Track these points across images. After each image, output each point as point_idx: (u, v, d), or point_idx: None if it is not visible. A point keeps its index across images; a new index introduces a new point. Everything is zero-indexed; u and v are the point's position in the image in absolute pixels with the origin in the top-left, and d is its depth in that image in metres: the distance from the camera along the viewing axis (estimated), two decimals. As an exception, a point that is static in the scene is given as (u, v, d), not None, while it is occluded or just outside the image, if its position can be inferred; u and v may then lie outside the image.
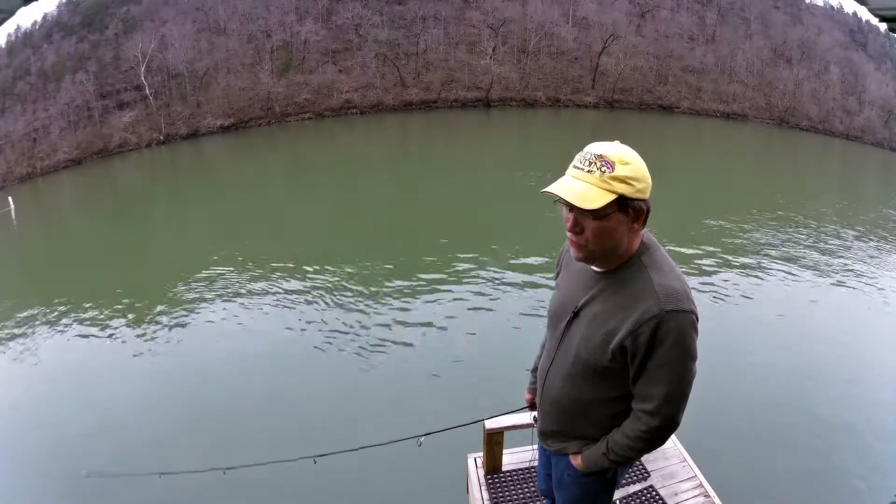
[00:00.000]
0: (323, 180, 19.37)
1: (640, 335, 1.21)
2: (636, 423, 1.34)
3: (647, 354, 1.23)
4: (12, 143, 29.37)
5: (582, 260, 1.31)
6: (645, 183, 1.21)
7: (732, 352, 6.45)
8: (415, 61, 38.60)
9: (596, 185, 1.18)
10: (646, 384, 1.28)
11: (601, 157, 1.19)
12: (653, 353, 1.22)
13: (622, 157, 1.19)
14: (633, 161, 1.20)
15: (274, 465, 2.88)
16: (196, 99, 34.27)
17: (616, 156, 1.19)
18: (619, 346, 1.25)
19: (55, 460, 4.96)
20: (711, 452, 3.76)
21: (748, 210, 13.73)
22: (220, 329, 7.71)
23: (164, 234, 14.48)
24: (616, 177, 1.17)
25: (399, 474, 4.29)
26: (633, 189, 1.19)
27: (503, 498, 2.85)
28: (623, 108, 38.12)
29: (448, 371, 6.14)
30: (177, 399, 5.91)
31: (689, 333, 1.22)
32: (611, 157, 1.18)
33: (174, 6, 38.63)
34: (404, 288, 8.67)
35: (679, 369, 1.24)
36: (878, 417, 5.29)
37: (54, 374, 6.94)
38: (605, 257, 1.30)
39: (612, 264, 1.31)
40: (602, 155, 1.19)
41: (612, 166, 1.17)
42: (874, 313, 8.05)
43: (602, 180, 1.18)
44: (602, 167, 1.18)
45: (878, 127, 36.86)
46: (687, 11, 44.66)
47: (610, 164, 1.18)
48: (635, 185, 1.19)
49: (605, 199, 1.18)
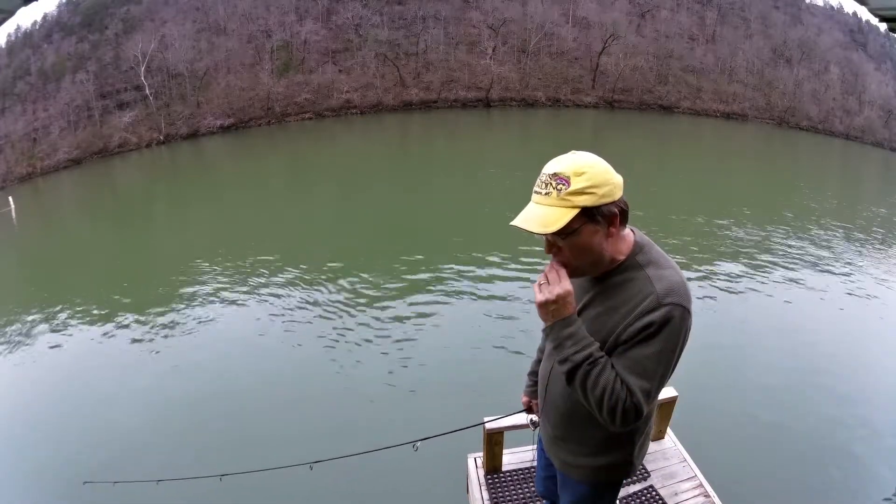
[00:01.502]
0: (323, 180, 19.36)
1: (636, 326, 1.20)
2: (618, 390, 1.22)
3: (637, 342, 1.21)
4: (12, 143, 29.38)
5: (572, 276, 1.28)
6: (608, 186, 1.18)
7: (732, 352, 6.46)
8: (415, 61, 38.60)
9: (555, 205, 1.18)
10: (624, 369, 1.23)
11: (555, 176, 1.18)
12: (644, 343, 1.21)
13: (577, 168, 1.17)
14: (590, 169, 1.17)
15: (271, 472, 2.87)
16: (196, 99, 34.26)
17: (570, 170, 1.17)
18: (616, 341, 1.25)
19: (52, 466, 4.91)
20: (711, 452, 3.76)
21: (748, 210, 13.73)
22: (218, 332, 7.70)
23: (164, 235, 14.47)
24: (573, 191, 1.16)
25: (398, 475, 4.29)
26: (595, 197, 1.17)
27: (503, 498, 2.85)
28: (623, 108, 38.11)
29: (448, 371, 6.13)
30: (175, 404, 5.85)
31: (682, 330, 1.21)
32: (565, 173, 1.17)
33: (174, 6, 38.64)
34: (404, 288, 8.66)
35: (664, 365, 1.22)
36: (878, 417, 5.29)
37: (52, 377, 6.90)
38: (593, 268, 1.29)
39: (605, 270, 1.30)
40: (556, 173, 1.18)
41: (567, 182, 1.16)
42: (875, 313, 8.04)
43: (560, 199, 1.17)
44: (558, 185, 1.17)
45: (878, 127, 36.85)
46: (687, 11, 44.67)
47: (565, 180, 1.16)
48: (597, 193, 1.17)
49: (566, 217, 1.17)
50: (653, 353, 1.20)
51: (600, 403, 1.22)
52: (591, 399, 1.23)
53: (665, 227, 11.66)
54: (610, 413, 1.21)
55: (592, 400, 1.23)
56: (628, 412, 1.21)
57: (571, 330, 1.25)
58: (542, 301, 1.25)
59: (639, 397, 1.20)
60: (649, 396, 1.22)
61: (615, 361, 1.24)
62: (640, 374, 1.21)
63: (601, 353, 1.24)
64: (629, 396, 1.20)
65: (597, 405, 1.23)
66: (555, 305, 1.24)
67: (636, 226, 1.36)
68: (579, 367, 1.23)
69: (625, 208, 1.23)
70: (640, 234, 1.33)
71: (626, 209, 1.24)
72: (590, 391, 1.23)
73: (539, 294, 1.26)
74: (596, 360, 1.23)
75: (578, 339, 1.25)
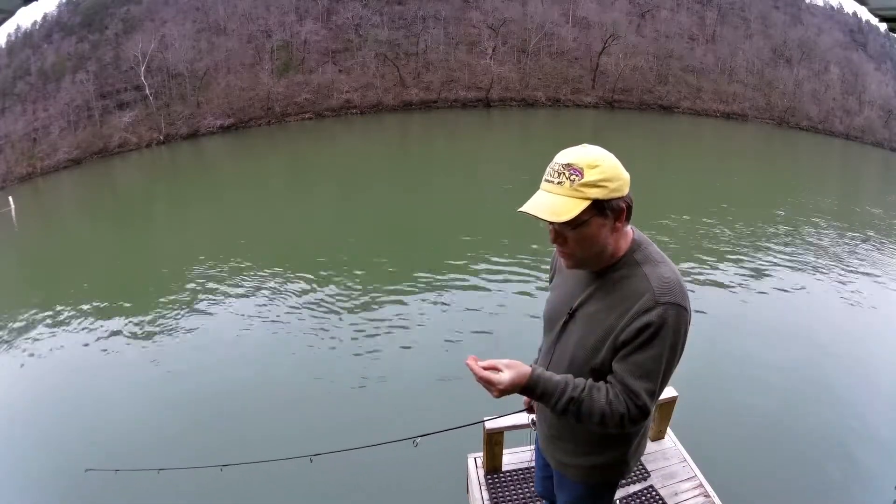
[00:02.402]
0: (323, 180, 19.37)
1: (634, 326, 1.21)
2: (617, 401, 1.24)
3: (637, 345, 1.21)
4: (12, 143, 29.37)
5: (573, 267, 1.31)
6: (619, 181, 1.19)
7: (732, 352, 6.46)
8: (415, 61, 38.60)
9: (567, 195, 1.17)
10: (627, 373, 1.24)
11: (569, 166, 1.17)
12: (643, 347, 1.21)
13: (590, 161, 1.17)
14: (603, 162, 1.18)
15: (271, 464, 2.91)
16: (196, 99, 34.27)
17: (584, 161, 1.17)
18: (614, 342, 1.25)
19: (56, 456, 5.03)
20: (711, 452, 3.76)
21: (748, 210, 13.74)
22: (219, 329, 7.72)
23: (164, 234, 14.48)
24: (586, 183, 1.16)
25: (398, 474, 4.29)
26: (606, 191, 1.17)
27: (503, 498, 2.85)
28: (623, 108, 38.10)
29: (448, 370, 6.13)
30: (176, 398, 5.92)
31: (680, 328, 1.21)
32: (579, 164, 1.17)
33: (174, 6, 38.64)
34: (404, 287, 8.66)
35: (666, 364, 1.23)
36: (878, 417, 5.29)
37: (55, 374, 6.94)
38: (595, 261, 1.30)
39: (605, 265, 1.31)
40: (570, 163, 1.18)
41: (581, 173, 1.16)
42: (875, 313, 8.04)
43: (573, 189, 1.17)
44: (571, 176, 1.17)
45: (878, 127, 36.83)
46: (687, 11, 44.67)
47: (579, 171, 1.16)
48: (608, 186, 1.17)
49: (578, 207, 1.17)
50: (653, 356, 1.21)
51: (604, 424, 1.25)
52: (595, 426, 1.27)
53: (664, 226, 11.66)
54: (617, 425, 1.25)
55: (596, 426, 1.27)
56: (635, 417, 1.24)
57: (540, 388, 1.25)
58: (497, 395, 1.25)
59: (644, 399, 1.22)
60: (654, 396, 1.24)
61: (617, 366, 1.25)
62: (642, 377, 1.22)
63: (580, 388, 1.25)
64: (634, 400, 1.22)
65: (601, 427, 1.27)
66: (508, 389, 1.24)
67: (636, 225, 1.37)
68: (567, 411, 1.26)
69: (630, 204, 1.25)
70: (639, 232, 1.34)
71: (632, 206, 1.26)
72: (589, 421, 1.26)
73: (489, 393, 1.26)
74: (579, 399, 1.24)
75: (551, 393, 1.25)
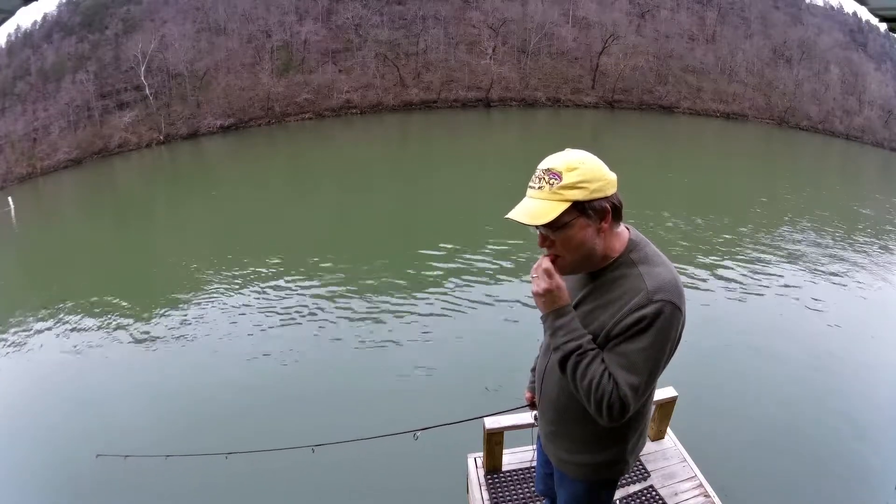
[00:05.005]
0: (323, 180, 19.37)
1: (627, 321, 1.21)
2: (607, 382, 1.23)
3: (627, 336, 1.22)
4: (12, 143, 29.34)
5: (565, 273, 1.31)
6: (601, 181, 1.21)
7: (732, 352, 6.46)
8: (415, 61, 38.60)
9: (547, 198, 1.21)
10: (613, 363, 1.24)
11: (549, 171, 1.22)
12: (633, 338, 1.21)
13: (569, 164, 1.21)
14: (583, 164, 1.21)
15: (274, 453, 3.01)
16: (196, 99, 34.25)
17: (563, 165, 1.21)
18: (606, 336, 1.25)
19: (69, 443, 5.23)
20: (711, 452, 3.76)
21: (748, 210, 13.74)
22: (222, 324, 7.77)
23: (164, 234, 14.47)
24: (565, 185, 1.20)
25: (399, 471, 4.31)
26: (587, 192, 1.20)
27: (503, 498, 2.85)
28: (623, 109, 38.09)
29: (448, 368, 6.15)
30: (181, 392, 6.07)
31: (673, 327, 1.21)
32: (558, 168, 1.21)
33: (174, 6, 38.60)
34: (405, 286, 8.68)
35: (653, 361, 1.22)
36: (878, 417, 5.29)
37: (62, 369, 7.01)
38: (586, 263, 1.30)
39: (599, 266, 1.31)
40: (549, 168, 1.22)
41: (559, 176, 1.20)
42: (876, 314, 8.04)
43: (552, 192, 1.21)
44: (550, 180, 1.21)
45: (878, 127, 36.77)
46: (687, 11, 44.64)
47: (557, 174, 1.20)
48: (589, 188, 1.20)
49: (556, 210, 1.20)
50: (641, 349, 1.21)
51: (588, 394, 1.24)
52: (581, 389, 1.26)
53: (664, 226, 11.66)
54: (597, 406, 1.24)
55: (581, 390, 1.26)
56: (613, 406, 1.22)
57: (564, 320, 1.29)
58: (534, 292, 1.30)
59: (625, 391, 1.21)
60: (637, 392, 1.22)
61: (605, 356, 1.26)
62: (627, 369, 1.22)
63: (592, 346, 1.27)
64: (615, 390, 1.21)
65: (585, 396, 1.26)
66: (546, 297, 1.28)
67: (636, 225, 1.36)
68: (569, 356, 1.27)
69: (618, 205, 1.26)
70: (635, 231, 1.34)
71: (620, 206, 1.27)
72: (579, 381, 1.26)
73: (532, 284, 1.31)
74: (585, 352, 1.26)
75: (570, 330, 1.28)
